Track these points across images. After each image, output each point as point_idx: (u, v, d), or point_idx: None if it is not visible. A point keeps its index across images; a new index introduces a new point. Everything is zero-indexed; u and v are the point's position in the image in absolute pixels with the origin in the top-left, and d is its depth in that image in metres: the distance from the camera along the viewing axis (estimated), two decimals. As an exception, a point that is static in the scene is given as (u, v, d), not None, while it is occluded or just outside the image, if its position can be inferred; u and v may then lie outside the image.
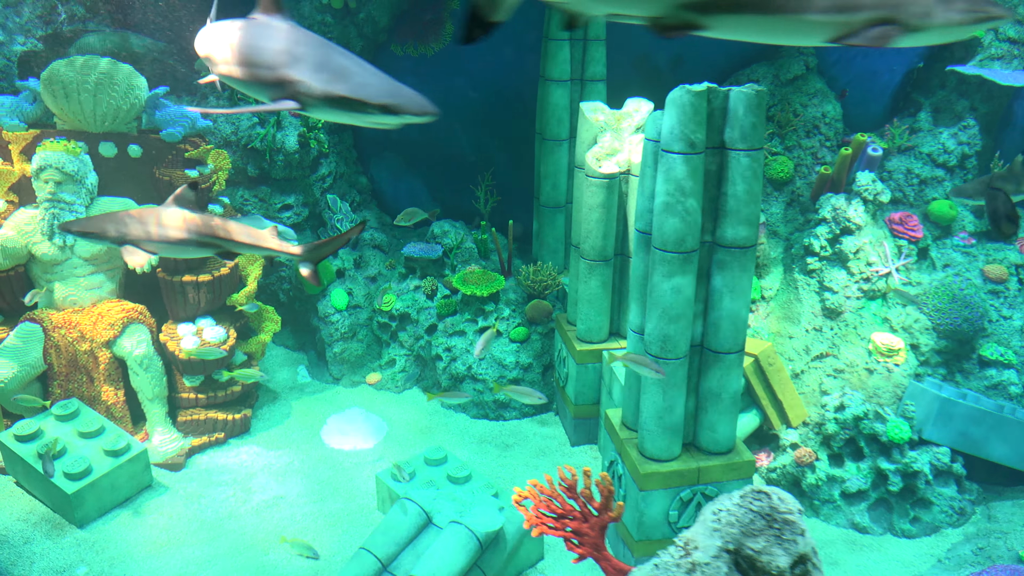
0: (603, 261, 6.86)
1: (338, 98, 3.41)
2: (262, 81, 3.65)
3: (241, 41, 3.73)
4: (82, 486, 5.87)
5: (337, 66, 3.53)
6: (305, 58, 3.55)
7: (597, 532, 2.97)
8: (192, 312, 6.92)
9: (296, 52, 3.58)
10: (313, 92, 3.44)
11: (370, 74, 3.54)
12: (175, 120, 6.87)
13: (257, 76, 3.67)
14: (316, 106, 3.53)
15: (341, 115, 3.53)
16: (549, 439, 7.47)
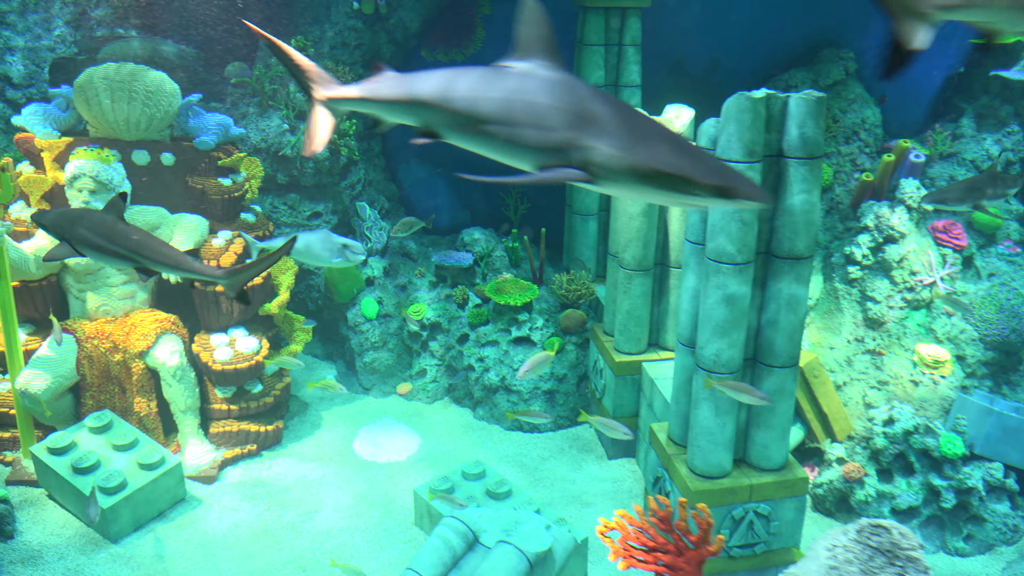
0: (643, 271, 6.72)
1: (652, 173, 2.74)
2: (529, 144, 2.95)
3: (501, 94, 2.99)
4: (117, 500, 5.76)
5: (643, 130, 2.83)
6: (599, 119, 2.85)
7: (694, 567, 2.82)
8: (225, 322, 6.82)
9: (585, 110, 2.88)
10: (614, 163, 2.78)
11: (685, 144, 2.84)
12: (208, 128, 6.78)
13: (523, 138, 2.95)
14: (614, 179, 2.85)
15: (650, 192, 2.84)
16: (586, 451, 7.33)
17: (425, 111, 3.22)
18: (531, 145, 2.95)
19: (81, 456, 5.96)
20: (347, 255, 5.17)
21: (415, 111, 3.32)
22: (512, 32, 3.22)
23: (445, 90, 3.13)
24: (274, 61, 8.07)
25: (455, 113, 3.09)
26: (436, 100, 3.16)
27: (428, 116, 3.24)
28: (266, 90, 7.92)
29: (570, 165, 2.87)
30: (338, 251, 5.17)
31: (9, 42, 7.74)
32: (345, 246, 5.15)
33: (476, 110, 3.04)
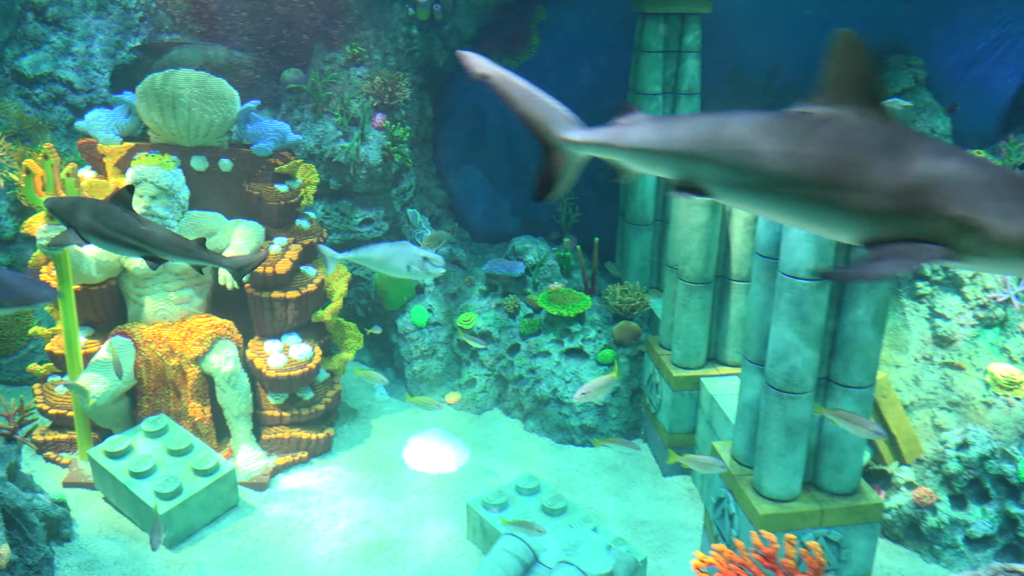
0: (703, 284, 6.54)
1: None
2: (860, 210, 2.38)
3: (816, 148, 2.42)
4: (173, 506, 5.76)
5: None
6: (962, 177, 2.25)
7: (801, 610, 2.64)
8: (279, 328, 6.80)
9: (937, 167, 2.27)
10: (1003, 237, 2.17)
11: None
12: (266, 134, 6.78)
13: (850, 203, 2.38)
14: (996, 256, 2.24)
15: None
16: (639, 468, 7.15)
17: (695, 164, 2.68)
18: (862, 212, 2.37)
19: (138, 460, 5.97)
20: (428, 268, 5.10)
21: (676, 163, 2.81)
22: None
23: (740, 140, 2.56)
24: (329, 68, 8.08)
25: (748, 169, 2.51)
26: (724, 152, 2.57)
27: (701, 170, 2.68)
28: (321, 96, 7.91)
29: (918, 238, 2.28)
30: (419, 263, 5.10)
31: (71, 47, 7.86)
32: (426, 259, 5.07)
33: (782, 167, 2.46)
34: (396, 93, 7.94)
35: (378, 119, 7.99)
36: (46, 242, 5.61)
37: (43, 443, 6.62)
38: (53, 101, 7.77)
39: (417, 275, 5.14)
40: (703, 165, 2.66)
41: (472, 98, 8.83)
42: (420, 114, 8.48)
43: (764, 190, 2.55)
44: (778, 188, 2.50)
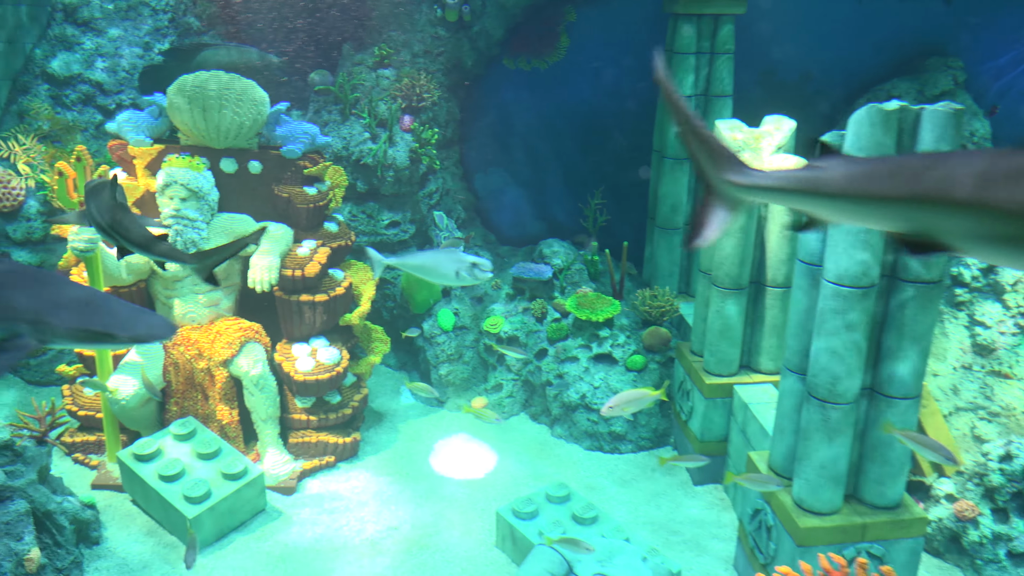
0: (737, 289, 6.42)
1: None
2: None
3: None
4: (202, 511, 5.72)
5: None
6: None
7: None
8: (307, 332, 6.76)
9: None
10: None
11: None
12: (295, 136, 6.74)
13: None
14: None
15: None
16: (669, 476, 7.04)
17: (936, 214, 2.16)
18: None
19: (167, 464, 5.94)
20: (476, 273, 5.03)
21: (907, 213, 2.25)
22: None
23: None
24: (357, 69, 8.04)
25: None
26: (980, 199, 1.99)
27: (945, 220, 2.15)
28: (348, 98, 7.87)
29: None
30: (467, 269, 5.02)
31: (101, 49, 7.87)
32: (474, 264, 5.00)
33: None
34: (424, 95, 7.89)
35: (406, 121, 7.94)
36: (79, 245, 5.60)
37: (72, 444, 6.61)
38: (83, 102, 7.79)
39: (465, 281, 5.06)
40: (951, 214, 2.17)
41: (499, 100, 8.77)
42: (447, 116, 8.42)
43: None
44: None
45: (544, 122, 8.76)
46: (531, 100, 8.65)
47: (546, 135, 8.85)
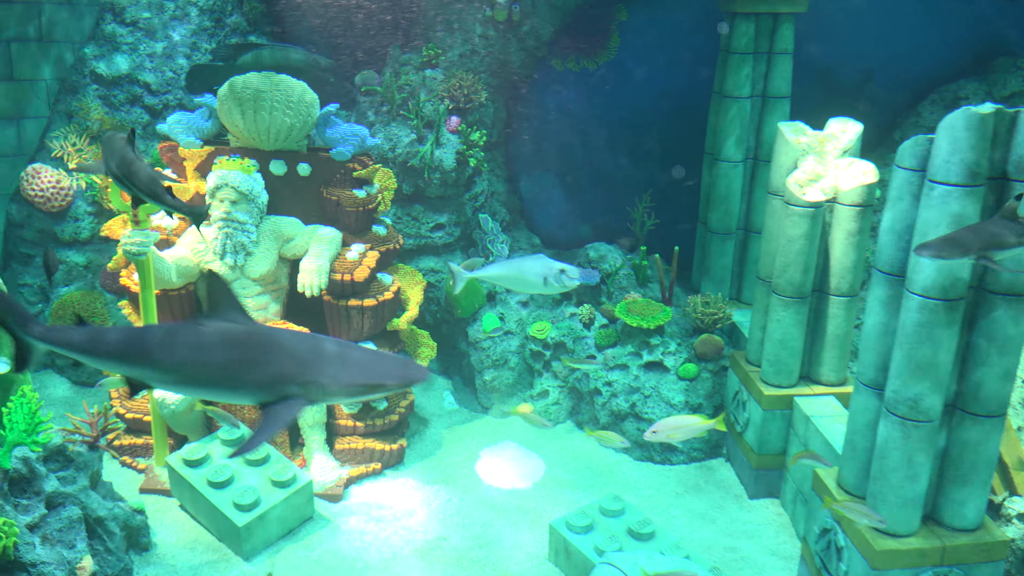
0: (799, 298, 6.20)
1: None
2: None
3: None
4: (252, 518, 5.64)
5: None
6: None
7: None
8: (355, 337, 6.65)
9: None
10: None
11: None
12: (345, 138, 6.64)
13: None
14: None
15: None
16: (723, 488, 6.83)
17: None
18: None
19: (216, 470, 5.87)
20: (564, 280, 4.89)
21: None
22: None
23: None
24: (404, 69, 7.92)
25: None
26: None
27: None
28: (395, 99, 7.76)
29: None
30: (555, 276, 4.89)
31: (148, 49, 7.84)
32: (562, 271, 4.86)
33: None
34: (472, 96, 7.75)
35: (453, 122, 7.81)
36: (132, 248, 5.54)
37: (119, 447, 6.58)
38: (130, 103, 7.77)
39: (554, 288, 4.92)
40: None
41: (546, 101, 8.61)
42: (494, 117, 8.28)
43: None
44: None
45: (592, 123, 8.58)
46: (579, 101, 8.48)
47: (593, 136, 8.67)
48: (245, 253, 6.35)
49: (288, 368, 2.91)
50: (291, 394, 2.90)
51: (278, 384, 2.91)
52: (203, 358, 2.97)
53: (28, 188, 7.57)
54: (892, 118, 7.99)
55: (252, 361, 2.94)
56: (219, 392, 3.16)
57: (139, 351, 3.08)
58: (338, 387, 2.93)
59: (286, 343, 3.00)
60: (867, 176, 5.91)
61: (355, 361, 2.97)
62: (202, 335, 2.98)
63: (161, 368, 3.04)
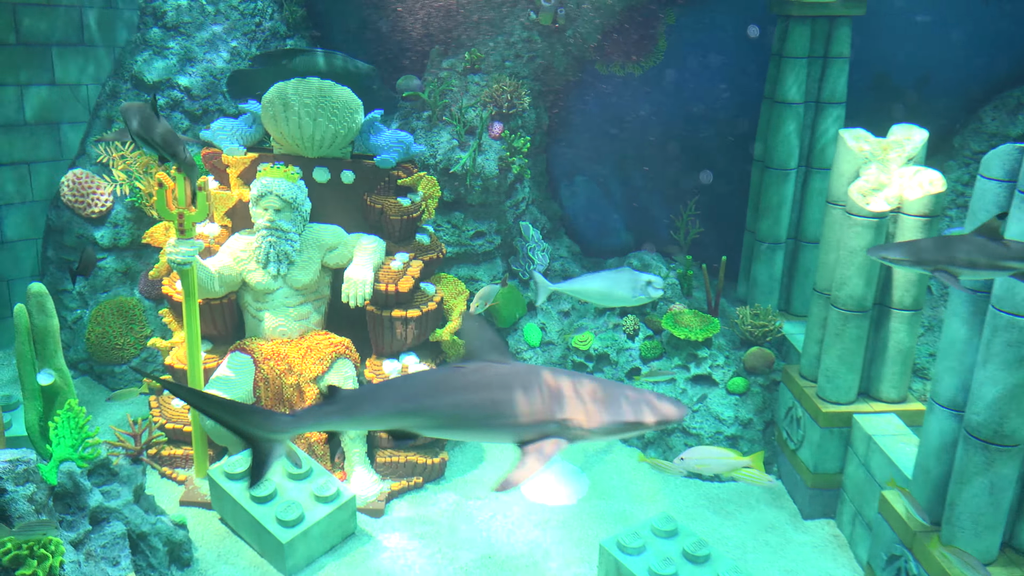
0: (861, 312, 5.96)
1: None
2: None
3: None
4: (296, 535, 5.50)
5: None
6: None
7: None
8: (398, 348, 6.51)
9: None
10: None
11: None
12: (389, 145, 6.50)
13: None
14: None
15: None
16: (775, 507, 6.60)
17: None
18: None
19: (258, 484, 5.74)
20: (650, 291, 4.77)
21: None
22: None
23: None
24: (446, 74, 7.78)
25: None
26: None
27: None
28: (437, 105, 7.62)
29: None
30: (642, 288, 4.77)
31: (189, 53, 7.77)
32: (648, 282, 4.75)
33: None
34: (516, 101, 7.59)
35: (496, 128, 7.65)
36: (177, 258, 5.44)
37: (158, 458, 6.48)
38: (171, 107, 7.70)
39: (641, 300, 4.80)
40: None
41: (589, 106, 8.44)
42: (536, 123, 8.12)
43: None
44: None
45: (636, 129, 8.39)
46: (623, 106, 8.29)
47: (637, 143, 8.48)
48: (288, 262, 6.23)
49: (549, 406, 2.94)
50: (550, 433, 2.94)
51: (540, 423, 2.95)
52: (470, 400, 3.02)
53: (68, 193, 7.52)
54: (950, 124, 7.71)
55: (516, 400, 2.97)
56: (482, 433, 3.23)
57: (404, 404, 3.12)
58: (597, 425, 2.95)
59: (547, 381, 3.01)
60: (934, 185, 5.67)
61: (614, 399, 2.99)
62: (468, 377, 3.04)
63: (429, 415, 3.09)
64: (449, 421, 3.11)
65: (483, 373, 3.07)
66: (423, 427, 3.19)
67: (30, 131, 7.91)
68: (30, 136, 7.93)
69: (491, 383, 3.04)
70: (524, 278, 8.08)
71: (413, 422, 3.15)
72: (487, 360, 3.12)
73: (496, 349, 3.14)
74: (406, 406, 3.13)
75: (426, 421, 3.15)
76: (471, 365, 3.10)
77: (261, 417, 3.18)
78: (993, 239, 3.86)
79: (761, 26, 7.47)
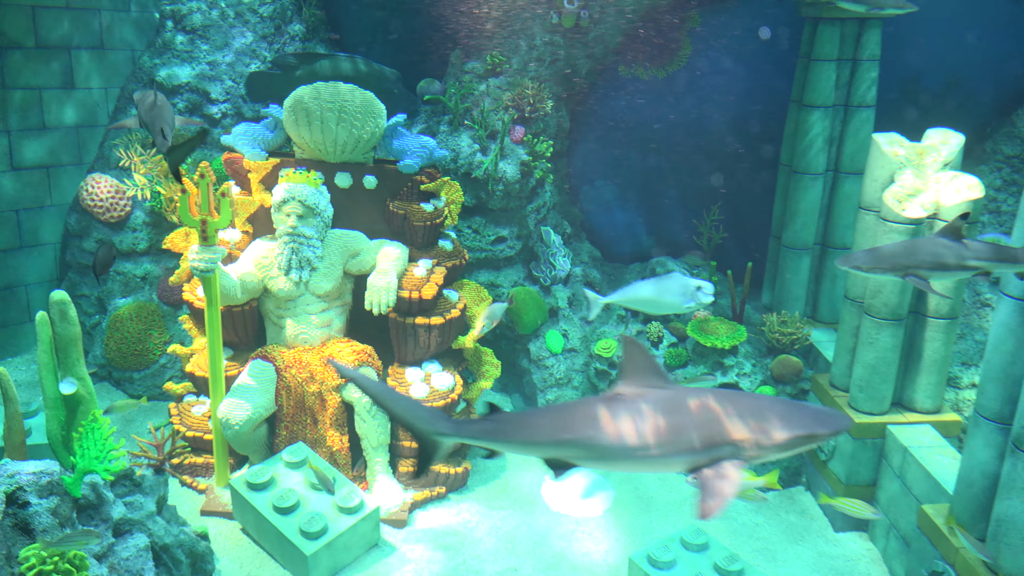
0: (895, 321, 5.82)
1: None
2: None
3: None
4: (320, 547, 5.41)
5: None
6: None
7: None
8: (420, 356, 6.42)
9: None
10: None
11: None
12: (412, 150, 6.41)
13: None
14: None
15: None
16: (806, 519, 6.46)
17: None
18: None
19: (282, 495, 5.66)
20: (700, 297, 4.66)
21: None
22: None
23: None
24: (468, 78, 7.69)
25: None
26: None
27: None
28: (458, 108, 7.53)
29: None
30: (692, 294, 4.66)
31: (208, 57, 7.71)
32: (699, 288, 4.64)
33: None
34: (537, 105, 7.49)
35: (517, 132, 7.55)
36: (200, 265, 5.36)
37: (179, 467, 6.40)
38: (190, 111, 7.63)
39: (691, 307, 4.69)
40: None
41: (611, 110, 8.33)
42: (558, 127, 8.01)
43: None
44: None
45: (658, 133, 8.28)
46: (645, 109, 8.18)
47: (660, 147, 8.36)
48: (311, 268, 6.15)
49: (721, 429, 2.84)
50: (724, 456, 2.82)
51: (713, 447, 2.84)
52: (637, 429, 2.91)
53: (87, 198, 7.47)
54: (981, 128, 7.56)
55: (686, 426, 2.86)
56: (651, 463, 3.04)
57: (563, 434, 3.03)
58: (772, 443, 2.84)
59: (716, 404, 2.91)
60: (972, 191, 5.53)
61: (782, 414, 2.88)
62: (632, 405, 2.94)
63: (590, 446, 2.98)
64: (613, 452, 2.97)
65: (647, 400, 2.96)
66: (582, 457, 3.09)
67: (48, 135, 7.87)
68: (48, 140, 7.89)
69: (657, 410, 2.92)
70: (545, 284, 7.97)
71: (573, 452, 3.05)
72: (646, 385, 3.00)
73: (655, 373, 3.03)
74: (566, 436, 3.04)
75: (587, 452, 3.03)
76: (630, 391, 3.00)
77: (430, 417, 3.28)
78: (955, 240, 3.96)
79: (789, 29, 7.34)
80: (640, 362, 3.04)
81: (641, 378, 3.01)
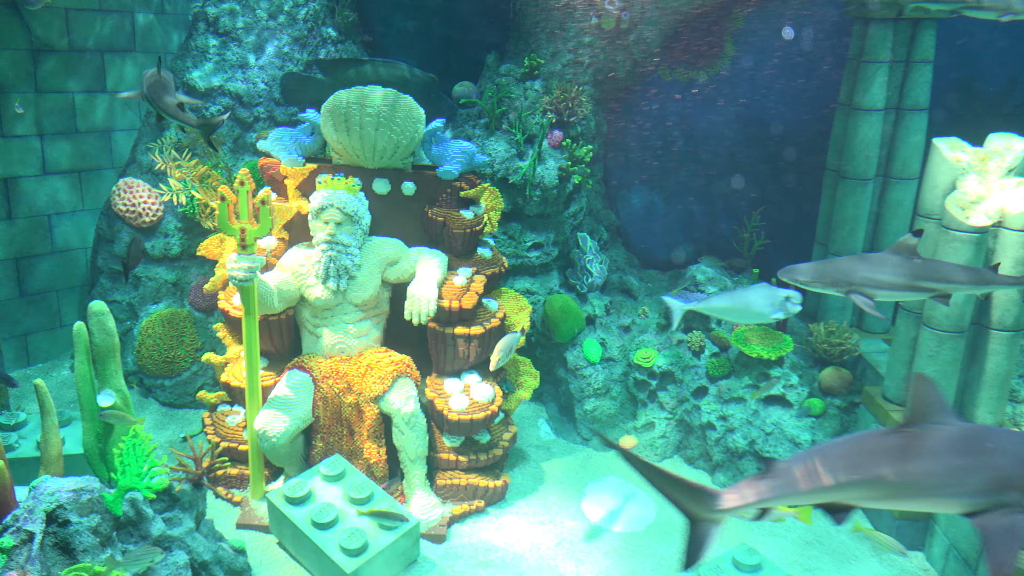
0: (957, 332, 5.59)
1: None
2: None
3: None
4: (360, 564, 5.26)
5: None
6: None
7: None
8: (460, 366, 6.26)
9: None
10: None
11: None
12: (452, 155, 6.25)
13: None
14: None
15: None
16: (857, 538, 6.24)
17: None
18: None
19: (320, 509, 5.51)
20: (788, 307, 4.50)
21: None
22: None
23: None
24: (505, 80, 7.52)
25: None
26: None
27: None
28: (494, 112, 7.36)
29: None
30: (780, 304, 4.50)
31: (241, 60, 7.59)
32: (787, 298, 4.48)
33: None
34: (576, 109, 7.31)
35: (555, 136, 7.37)
36: (239, 275, 5.23)
37: (213, 478, 6.28)
38: (222, 114, 7.51)
39: (779, 316, 4.53)
40: None
41: (650, 113, 8.13)
42: (595, 131, 7.83)
43: None
44: None
45: (699, 137, 8.07)
46: (686, 113, 7.98)
47: (700, 151, 8.16)
48: (348, 277, 6.00)
49: (1011, 473, 2.70)
50: (1008, 501, 2.69)
51: (997, 490, 2.72)
52: (927, 468, 2.81)
53: (119, 203, 7.37)
54: (1037, 131, 7.28)
55: (974, 466, 2.75)
56: (927, 502, 2.93)
57: (852, 474, 2.92)
58: None
59: (1006, 443, 2.79)
60: (1040, 199, 5.29)
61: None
62: (921, 442, 2.83)
63: (880, 487, 2.89)
64: (899, 491, 2.87)
65: (938, 437, 2.83)
66: (868, 499, 2.98)
67: (81, 139, 7.79)
68: (81, 144, 7.81)
69: (949, 448, 2.80)
70: (582, 291, 7.79)
71: (861, 493, 2.94)
72: (934, 422, 2.87)
73: (943, 411, 2.91)
74: (855, 476, 2.91)
75: (874, 492, 2.92)
76: (915, 428, 2.88)
77: (704, 496, 3.14)
78: (908, 258, 3.76)
79: (835, 30, 7.11)
80: (929, 398, 2.91)
81: (929, 414, 2.88)
